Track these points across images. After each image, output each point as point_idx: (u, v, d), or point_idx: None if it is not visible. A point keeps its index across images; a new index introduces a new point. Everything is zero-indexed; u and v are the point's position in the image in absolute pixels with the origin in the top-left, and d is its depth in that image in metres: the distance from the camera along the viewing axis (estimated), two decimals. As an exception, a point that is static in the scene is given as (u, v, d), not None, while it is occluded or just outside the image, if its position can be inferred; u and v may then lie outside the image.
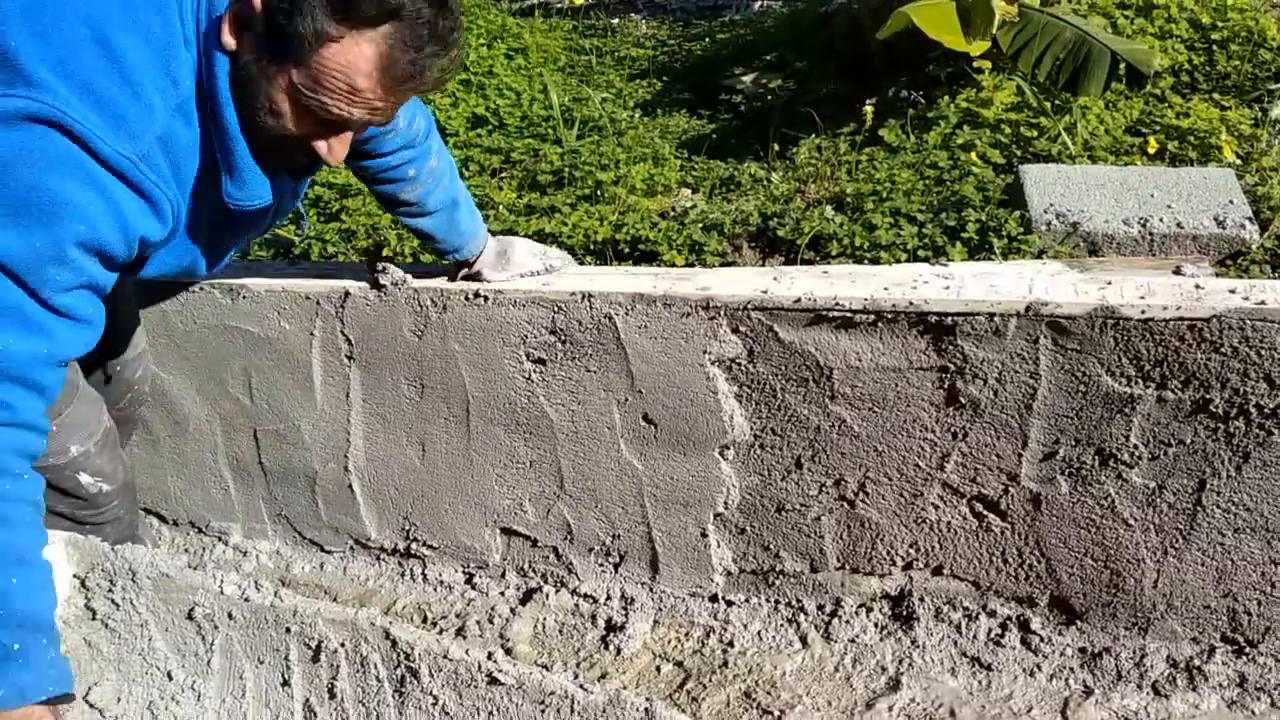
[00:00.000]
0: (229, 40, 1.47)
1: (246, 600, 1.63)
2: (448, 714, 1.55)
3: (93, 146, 1.39)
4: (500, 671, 1.52)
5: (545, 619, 2.61)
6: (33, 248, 1.36)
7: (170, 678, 1.70)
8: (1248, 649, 2.24)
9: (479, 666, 1.52)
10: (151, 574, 1.68)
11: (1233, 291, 2.00)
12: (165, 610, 1.69)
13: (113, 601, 1.71)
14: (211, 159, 1.57)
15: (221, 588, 1.64)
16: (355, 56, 1.44)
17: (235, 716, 1.65)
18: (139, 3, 1.43)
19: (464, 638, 2.57)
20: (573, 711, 1.49)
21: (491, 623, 2.62)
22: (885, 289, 2.16)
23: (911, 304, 2.12)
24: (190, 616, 1.68)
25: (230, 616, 1.66)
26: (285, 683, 1.65)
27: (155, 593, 1.67)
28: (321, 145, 1.58)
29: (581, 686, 1.49)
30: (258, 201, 1.64)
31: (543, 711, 1.50)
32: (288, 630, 1.63)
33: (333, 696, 1.63)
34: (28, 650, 1.32)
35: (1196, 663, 2.25)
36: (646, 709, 1.45)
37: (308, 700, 1.65)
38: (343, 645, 1.60)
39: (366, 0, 1.41)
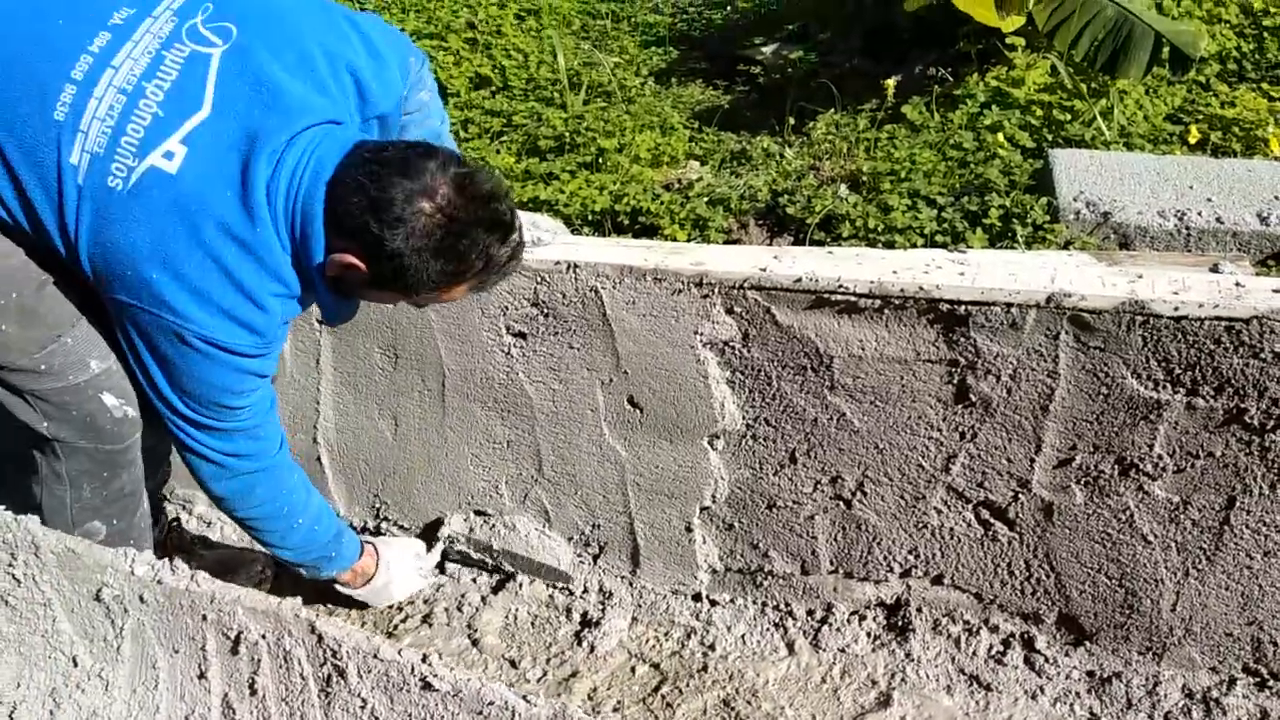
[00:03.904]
0: (330, 273, 1.71)
1: (159, 583, 1.47)
2: (377, 719, 1.39)
3: (237, 350, 1.74)
4: (435, 676, 1.35)
5: (517, 610, 2.45)
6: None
7: (76, 663, 1.54)
8: (1272, 682, 2.05)
9: (411, 669, 1.36)
10: (56, 549, 1.52)
11: (1277, 291, 1.81)
12: (71, 589, 1.53)
13: (13, 576, 1.55)
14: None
15: (132, 568, 1.48)
16: (454, 294, 1.77)
17: (147, 709, 1.49)
18: (258, 244, 1.66)
19: (430, 626, 2.42)
20: (513, 726, 1.33)
21: (460, 611, 2.46)
22: (894, 272, 1.98)
23: (922, 289, 1.94)
24: (98, 598, 1.53)
25: (142, 600, 1.50)
26: (202, 675, 1.49)
27: (60, 569, 1.52)
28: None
29: (524, 698, 1.33)
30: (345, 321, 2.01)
31: (480, 724, 1.34)
32: (204, 618, 1.47)
33: (254, 693, 1.47)
34: (343, 536, 2.23)
35: (1214, 694, 2.07)
36: (595, 730, 1.28)
37: (226, 695, 1.49)
38: (264, 637, 1.44)
39: (468, 272, 1.70)
